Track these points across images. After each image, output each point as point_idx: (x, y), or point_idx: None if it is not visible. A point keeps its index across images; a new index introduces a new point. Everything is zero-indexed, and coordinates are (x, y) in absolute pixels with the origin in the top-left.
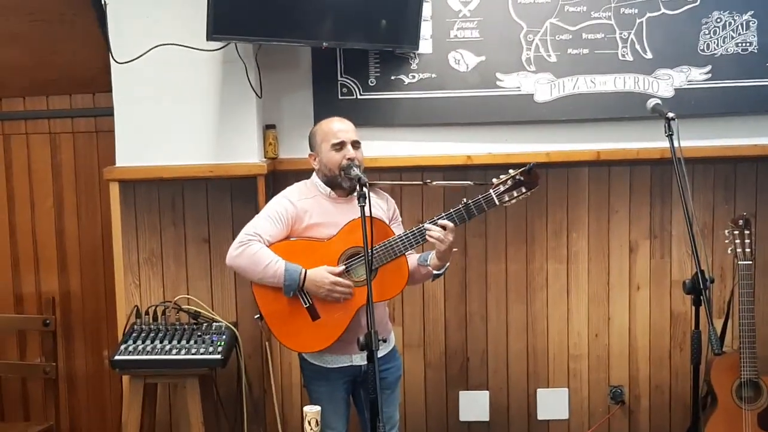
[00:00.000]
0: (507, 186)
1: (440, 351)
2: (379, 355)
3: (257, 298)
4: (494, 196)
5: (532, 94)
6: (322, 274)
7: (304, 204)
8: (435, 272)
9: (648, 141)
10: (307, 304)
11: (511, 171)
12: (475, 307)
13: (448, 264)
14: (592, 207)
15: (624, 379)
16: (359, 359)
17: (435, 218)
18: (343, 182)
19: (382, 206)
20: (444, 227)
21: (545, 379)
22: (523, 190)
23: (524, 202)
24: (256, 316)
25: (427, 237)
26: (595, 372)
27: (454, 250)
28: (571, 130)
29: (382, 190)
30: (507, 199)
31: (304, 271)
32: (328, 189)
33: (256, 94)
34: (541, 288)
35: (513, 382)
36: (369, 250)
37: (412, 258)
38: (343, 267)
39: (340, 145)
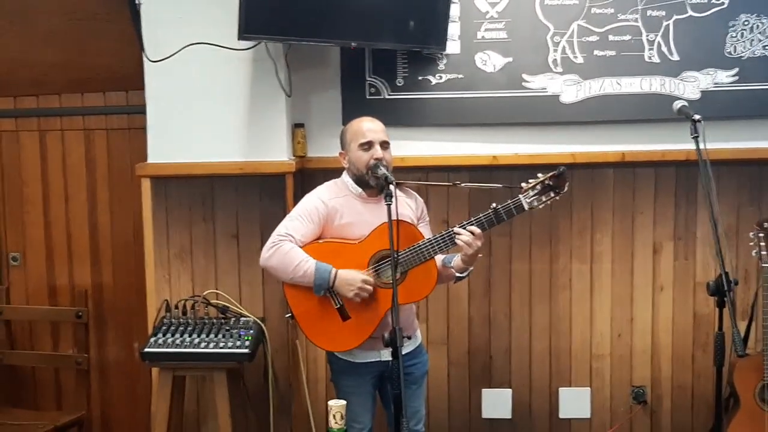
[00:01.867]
0: (536, 191)
1: (464, 349)
2: (406, 351)
3: (288, 298)
4: (524, 201)
5: (558, 95)
6: (352, 275)
7: (335, 203)
8: (458, 275)
9: (673, 143)
10: (338, 305)
11: (540, 175)
12: (499, 306)
13: (471, 268)
14: (617, 208)
15: (646, 379)
16: (387, 355)
17: (464, 223)
18: (371, 181)
19: (410, 205)
20: (473, 233)
21: (568, 378)
22: (552, 194)
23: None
24: (287, 315)
25: (456, 240)
26: (617, 372)
27: (479, 255)
28: (596, 131)
29: (410, 190)
30: (536, 204)
31: (334, 270)
32: (359, 188)
33: (286, 93)
34: (565, 288)
35: (536, 380)
36: (395, 251)
37: (438, 258)
38: (372, 269)
39: (368, 145)
